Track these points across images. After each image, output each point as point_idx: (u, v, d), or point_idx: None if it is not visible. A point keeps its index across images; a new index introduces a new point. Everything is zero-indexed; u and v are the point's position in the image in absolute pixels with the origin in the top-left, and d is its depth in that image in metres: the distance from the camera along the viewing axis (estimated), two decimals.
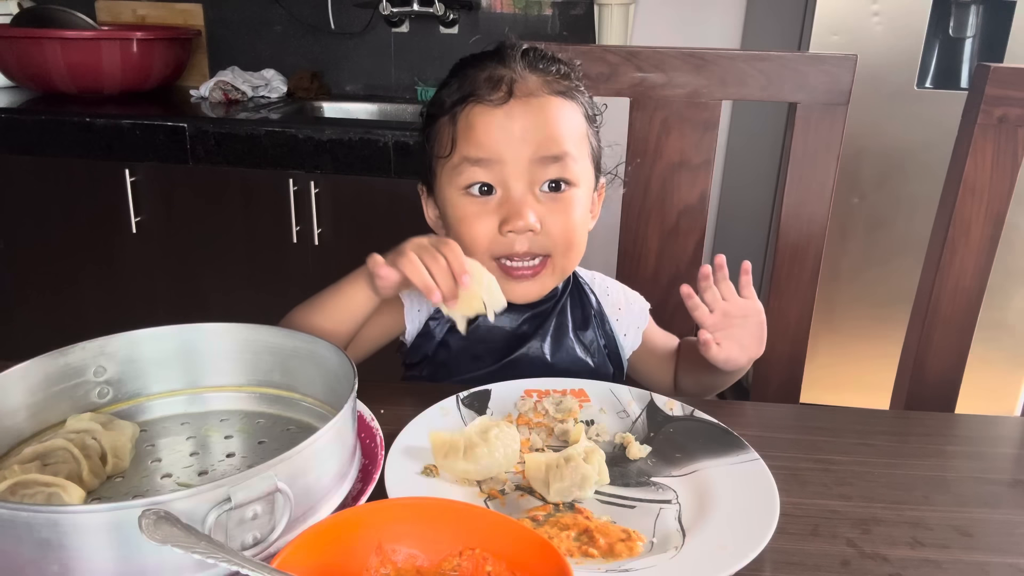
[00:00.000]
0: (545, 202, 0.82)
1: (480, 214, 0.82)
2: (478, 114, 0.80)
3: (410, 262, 0.72)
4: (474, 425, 0.67)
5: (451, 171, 0.83)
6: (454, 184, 0.83)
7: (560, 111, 0.82)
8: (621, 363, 0.96)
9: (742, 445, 0.70)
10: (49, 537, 0.45)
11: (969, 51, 1.92)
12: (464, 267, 0.72)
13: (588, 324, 0.93)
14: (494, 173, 0.81)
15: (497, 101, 0.80)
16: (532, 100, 0.80)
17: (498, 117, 0.80)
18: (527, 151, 0.80)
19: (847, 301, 2.05)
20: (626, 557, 0.56)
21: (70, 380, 0.66)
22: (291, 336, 0.70)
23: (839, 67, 1.05)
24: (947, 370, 1.09)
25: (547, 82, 0.82)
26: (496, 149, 0.80)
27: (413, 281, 0.72)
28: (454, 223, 0.84)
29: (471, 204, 0.82)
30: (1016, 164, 1.03)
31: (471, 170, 0.81)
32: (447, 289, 0.72)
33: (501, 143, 0.80)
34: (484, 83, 0.81)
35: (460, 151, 0.81)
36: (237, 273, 1.86)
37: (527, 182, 0.81)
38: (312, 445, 0.52)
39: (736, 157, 2.42)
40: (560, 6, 2.19)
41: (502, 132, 0.79)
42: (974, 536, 0.63)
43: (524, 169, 0.80)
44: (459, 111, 0.81)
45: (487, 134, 0.80)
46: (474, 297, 0.73)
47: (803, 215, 1.09)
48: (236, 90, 2.06)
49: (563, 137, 0.81)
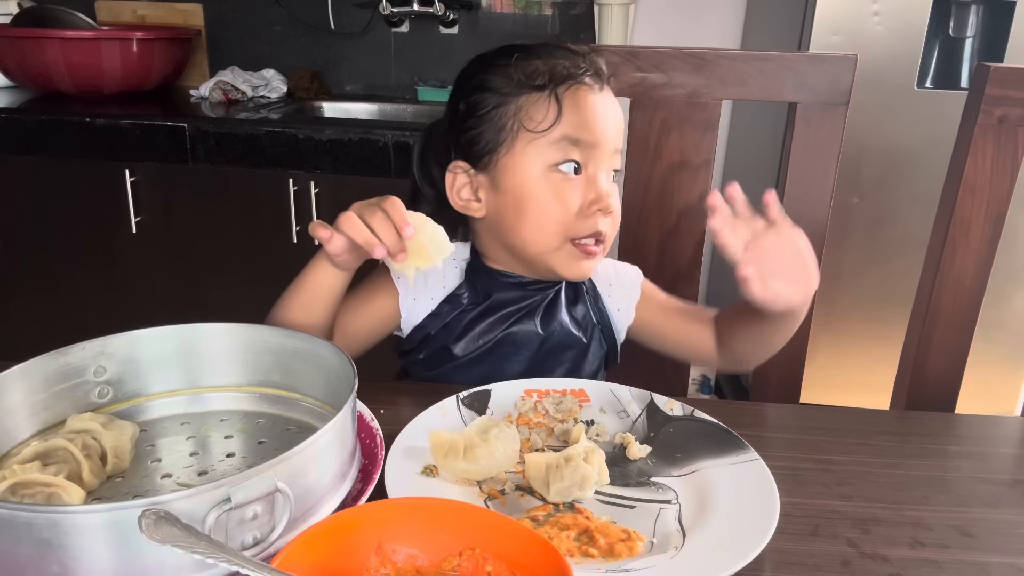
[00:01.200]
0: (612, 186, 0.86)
1: (567, 192, 0.83)
2: (585, 95, 0.83)
3: (348, 220, 0.73)
4: (474, 425, 0.67)
5: (544, 146, 0.83)
6: (544, 159, 0.83)
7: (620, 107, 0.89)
8: (615, 342, 0.96)
9: (742, 445, 0.70)
10: (49, 537, 0.45)
11: (969, 51, 1.92)
12: (406, 219, 0.72)
13: (579, 299, 0.93)
14: (586, 154, 0.83)
15: (597, 87, 0.85)
16: (609, 92, 0.87)
17: (599, 102, 0.84)
18: (613, 138, 0.84)
19: (847, 301, 2.05)
20: (626, 557, 0.56)
21: (70, 380, 0.66)
22: (291, 336, 0.70)
23: (839, 67, 1.05)
24: (947, 370, 1.09)
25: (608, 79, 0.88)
26: (597, 132, 0.83)
27: (354, 238, 0.72)
28: (531, 199, 0.83)
29: (561, 181, 0.83)
30: (1016, 164, 1.03)
31: (569, 148, 0.83)
32: (391, 243, 0.72)
33: (600, 127, 0.83)
34: (584, 69, 0.84)
35: (562, 128, 0.82)
36: (237, 273, 1.86)
37: (607, 167, 0.85)
38: (312, 445, 0.52)
39: (736, 157, 2.42)
40: (560, 6, 2.19)
41: (602, 117, 0.84)
42: (974, 536, 0.63)
43: (608, 155, 0.84)
44: (563, 89, 0.83)
45: (592, 115, 0.83)
46: (421, 247, 0.73)
47: (803, 215, 1.09)
48: (236, 90, 2.06)
49: (623, 132, 0.88)
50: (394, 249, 0.72)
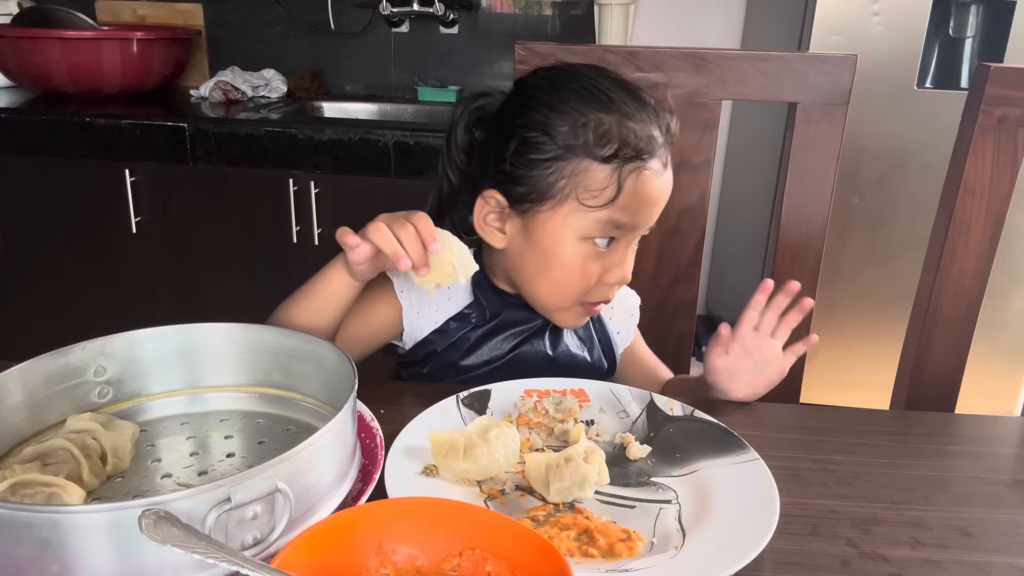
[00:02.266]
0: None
1: (591, 262, 0.81)
2: (648, 181, 0.78)
3: (378, 229, 0.72)
4: (474, 425, 0.67)
5: (589, 219, 0.79)
6: (583, 229, 0.79)
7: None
8: (615, 358, 0.98)
9: (742, 445, 0.70)
10: (49, 537, 0.45)
11: (969, 51, 1.92)
12: (433, 235, 0.72)
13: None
14: (625, 232, 0.81)
15: (660, 171, 0.80)
16: (669, 172, 0.82)
17: (653, 186, 0.79)
18: (655, 218, 0.82)
19: (847, 301, 2.05)
20: (626, 557, 0.56)
21: (70, 380, 0.66)
22: (291, 336, 0.70)
23: (839, 67, 1.05)
24: (947, 370, 1.09)
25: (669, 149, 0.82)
26: (639, 216, 0.79)
27: (382, 247, 0.72)
28: (558, 262, 0.82)
29: (592, 251, 0.81)
30: (1016, 164, 1.03)
31: (612, 228, 0.79)
32: (416, 256, 0.72)
33: (644, 212, 0.80)
34: (648, 145, 0.78)
35: (614, 210, 0.78)
36: (237, 273, 1.86)
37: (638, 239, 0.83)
38: (312, 445, 0.52)
39: (736, 157, 2.43)
40: (560, 6, 2.19)
41: (650, 201, 0.79)
42: (974, 536, 0.63)
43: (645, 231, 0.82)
44: (628, 170, 0.77)
45: (648, 204, 0.79)
46: (445, 263, 0.73)
47: (803, 215, 1.09)
48: (236, 90, 2.06)
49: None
50: (419, 263, 0.72)
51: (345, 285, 0.80)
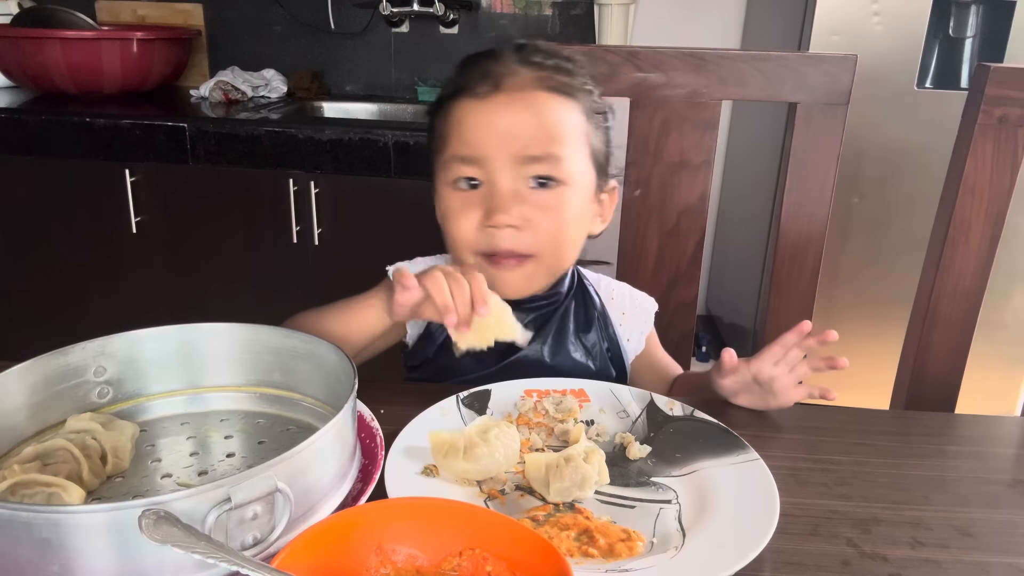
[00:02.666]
0: (532, 199, 0.80)
1: (465, 207, 0.82)
2: (464, 108, 0.81)
3: (435, 280, 0.72)
4: (474, 425, 0.67)
5: (442, 166, 0.84)
6: (444, 178, 0.84)
7: (550, 108, 0.80)
8: (624, 367, 0.95)
9: (742, 445, 0.70)
10: (49, 537, 0.45)
11: (969, 51, 1.92)
12: (485, 298, 0.72)
13: (591, 326, 0.92)
14: (480, 168, 0.80)
15: (483, 94, 0.79)
16: (519, 95, 0.79)
17: (482, 111, 0.80)
18: (512, 147, 0.79)
19: (847, 301, 2.05)
20: (626, 557, 0.56)
21: (70, 380, 0.66)
22: (291, 336, 0.70)
23: (839, 67, 1.05)
24: (947, 370, 1.09)
25: (540, 78, 0.81)
26: (480, 145, 0.79)
27: (434, 297, 0.72)
28: (443, 218, 0.85)
29: (457, 198, 0.82)
30: (1016, 164, 1.03)
31: (457, 166, 0.81)
32: (464, 314, 0.72)
33: (484, 139, 0.79)
34: (474, 77, 0.81)
35: (449, 147, 0.82)
36: (237, 273, 1.86)
37: (513, 177, 0.80)
38: (312, 445, 0.52)
39: (736, 157, 2.43)
40: (560, 6, 2.19)
41: (486, 127, 0.79)
42: (974, 536, 0.63)
43: (508, 165, 0.79)
44: (450, 106, 0.82)
45: (471, 129, 0.80)
46: (486, 328, 0.73)
47: (803, 215, 1.09)
48: (236, 90, 2.06)
49: (551, 136, 0.79)
50: (464, 321, 0.72)
51: (379, 320, 0.80)
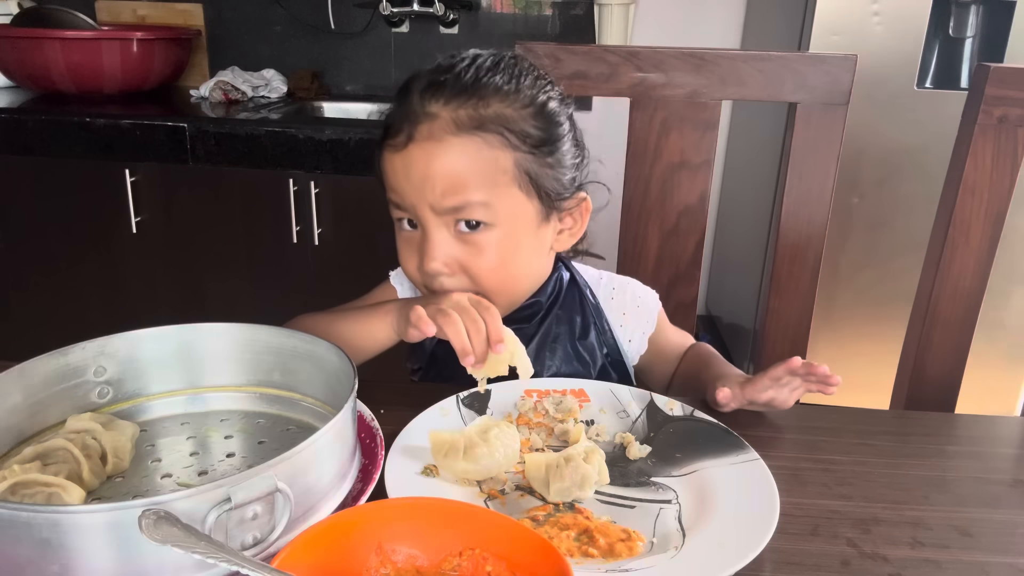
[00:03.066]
0: (465, 242, 0.78)
1: (407, 247, 0.82)
2: (386, 160, 0.79)
3: (453, 323, 0.71)
4: (474, 425, 0.67)
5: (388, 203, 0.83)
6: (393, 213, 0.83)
7: (462, 155, 0.75)
8: (626, 371, 0.93)
9: (742, 445, 0.70)
10: (49, 537, 0.45)
11: (969, 51, 1.92)
12: (501, 335, 0.72)
13: (588, 332, 0.90)
14: (411, 214, 0.79)
15: (399, 145, 0.77)
16: (429, 145, 0.75)
17: (399, 163, 0.77)
18: (428, 198, 0.76)
19: (847, 301, 2.05)
20: (626, 557, 0.56)
21: (70, 380, 0.66)
22: (291, 336, 0.70)
23: (839, 67, 1.05)
24: (947, 370, 1.09)
25: (453, 119, 0.75)
26: (403, 195, 0.78)
27: (452, 342, 0.71)
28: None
29: (402, 237, 0.82)
30: (1016, 164, 1.03)
31: (395, 210, 0.81)
32: (481, 353, 0.72)
33: (405, 189, 0.77)
34: (394, 120, 0.79)
35: (386, 190, 0.81)
36: (237, 273, 1.86)
37: (440, 223, 0.77)
38: (312, 445, 0.52)
39: (736, 157, 2.43)
40: (560, 6, 2.19)
41: (404, 179, 0.77)
42: (974, 536, 0.63)
43: (431, 213, 0.77)
44: (379, 152, 0.81)
45: (393, 179, 0.78)
46: (500, 362, 0.73)
47: (803, 215, 1.09)
48: (236, 90, 2.06)
49: (464, 184, 0.75)
50: (480, 360, 0.72)
51: (388, 337, 0.81)
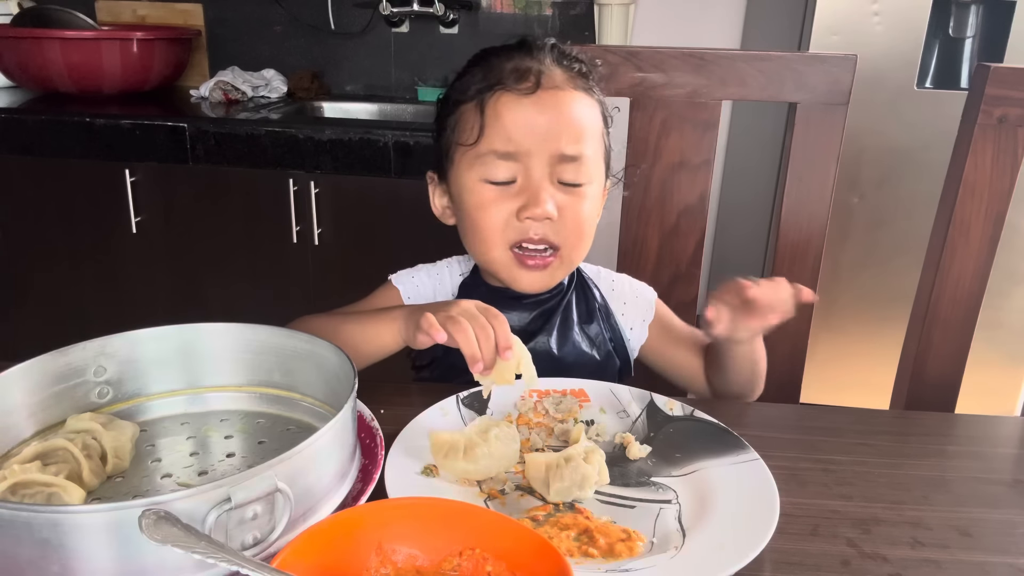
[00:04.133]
0: (562, 192, 0.83)
1: (498, 200, 0.83)
2: (506, 103, 0.81)
3: (463, 331, 0.71)
4: (474, 425, 0.67)
5: (474, 159, 0.83)
6: (475, 172, 0.83)
7: (583, 107, 0.83)
8: (627, 357, 0.96)
9: (742, 445, 0.70)
10: (49, 537, 0.45)
11: (969, 51, 1.92)
12: (510, 342, 0.72)
13: (593, 318, 0.93)
14: (518, 163, 0.82)
15: (525, 90, 0.80)
16: (559, 93, 0.81)
17: (526, 107, 0.80)
18: (552, 145, 0.81)
19: (847, 301, 2.04)
20: (626, 557, 0.56)
21: (70, 380, 0.66)
22: (291, 336, 0.70)
23: (839, 67, 1.05)
24: (947, 370, 1.09)
25: (571, 77, 0.83)
26: (523, 141, 0.80)
27: (462, 349, 0.71)
28: (471, 208, 0.85)
29: (491, 191, 0.83)
30: (1016, 164, 1.03)
31: (496, 162, 0.82)
32: (489, 360, 0.72)
33: (528, 135, 0.80)
34: (512, 72, 0.81)
35: (487, 141, 0.81)
36: (237, 273, 1.86)
37: (547, 172, 0.82)
38: (312, 445, 0.52)
39: (736, 157, 2.42)
40: (560, 6, 2.19)
41: (529, 124, 0.80)
42: (974, 536, 0.63)
43: (546, 161, 0.81)
44: (487, 98, 0.81)
45: (515, 125, 0.80)
46: (508, 370, 0.73)
47: (803, 215, 1.09)
48: (236, 90, 2.06)
49: (584, 134, 0.82)
50: (489, 366, 0.72)
51: (394, 342, 0.81)
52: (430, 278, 0.95)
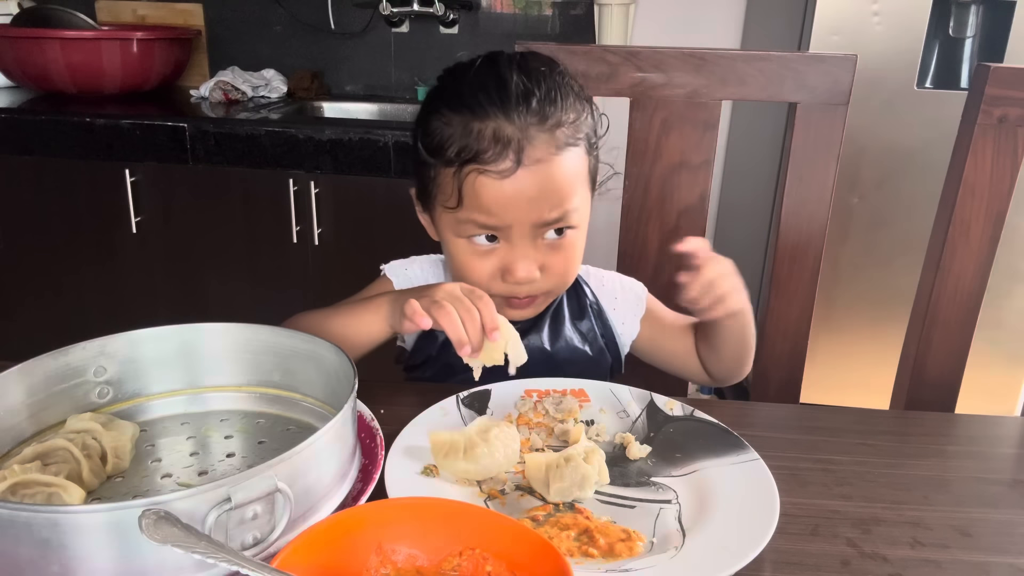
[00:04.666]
0: (547, 249, 0.82)
1: (483, 258, 0.82)
2: (483, 185, 0.77)
3: (448, 315, 0.71)
4: (474, 425, 0.67)
5: (455, 222, 0.81)
6: (455, 230, 0.82)
7: (566, 168, 0.78)
8: (619, 353, 0.96)
9: (742, 445, 0.70)
10: (49, 537, 0.45)
11: (969, 51, 1.92)
12: (496, 323, 0.72)
13: (585, 314, 0.94)
14: (498, 231, 0.80)
15: (505, 172, 0.76)
16: (540, 167, 0.77)
17: (505, 189, 0.76)
18: (534, 215, 0.78)
19: (847, 301, 2.05)
20: (626, 557, 0.56)
21: (70, 380, 0.66)
22: (291, 336, 0.70)
23: (839, 67, 1.05)
24: (947, 370, 1.09)
25: (554, 138, 0.77)
26: (504, 216, 0.78)
27: (448, 333, 0.71)
28: (454, 260, 0.84)
29: (472, 251, 0.82)
30: (1016, 164, 1.03)
31: (477, 230, 0.80)
32: (477, 343, 0.72)
33: (509, 212, 0.78)
34: (489, 147, 0.76)
35: (466, 211, 0.79)
36: (237, 273, 1.86)
37: (531, 237, 0.80)
38: (312, 445, 0.52)
39: (736, 157, 2.42)
40: (560, 6, 2.19)
41: (509, 203, 0.77)
42: (974, 536, 0.63)
43: (528, 229, 0.79)
44: (464, 173, 0.77)
45: (495, 204, 0.77)
46: (496, 348, 0.73)
47: (803, 215, 1.09)
48: (236, 90, 2.06)
49: (568, 194, 0.79)
50: (476, 349, 0.72)
51: (381, 331, 0.81)
52: (423, 270, 0.95)
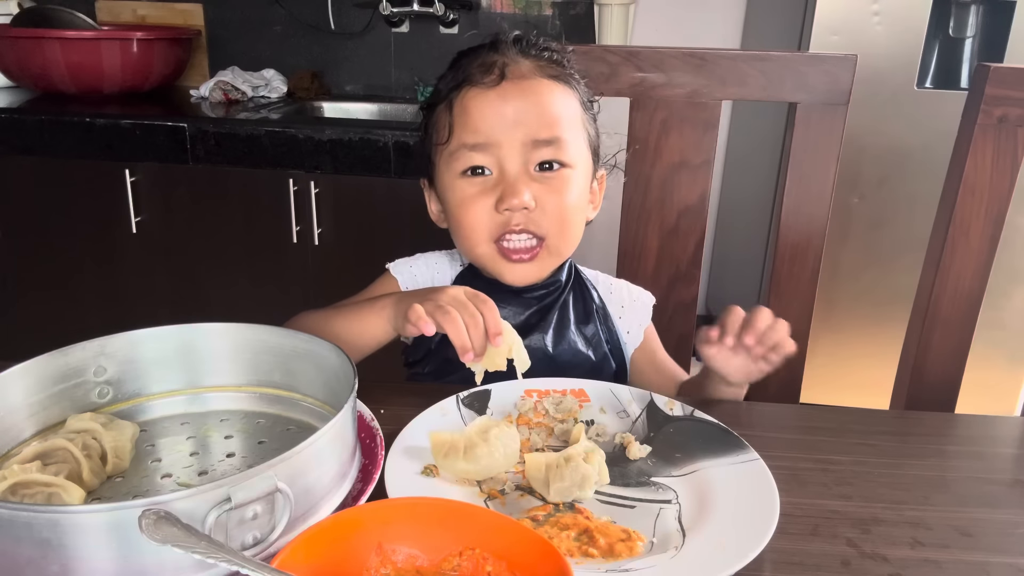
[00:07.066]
0: (540, 181, 0.84)
1: (477, 195, 0.84)
2: (472, 98, 0.83)
3: (452, 321, 0.72)
4: (474, 425, 0.67)
5: (449, 157, 0.85)
6: (452, 169, 0.85)
7: (552, 94, 0.84)
8: (623, 359, 0.96)
9: (742, 445, 0.70)
10: (49, 537, 0.45)
11: (969, 51, 1.92)
12: (499, 328, 0.73)
13: (590, 319, 0.93)
14: (490, 155, 0.83)
15: (490, 83, 0.82)
16: (524, 82, 0.83)
17: (491, 99, 0.82)
18: (521, 132, 0.82)
19: (847, 301, 2.05)
20: (626, 557, 0.56)
21: (70, 380, 0.66)
22: (291, 336, 0.70)
23: (839, 67, 1.05)
24: (947, 370, 1.09)
25: (539, 66, 0.85)
26: (491, 132, 0.82)
27: (452, 339, 0.72)
28: (454, 207, 0.86)
29: (469, 186, 0.84)
30: (1016, 164, 1.03)
31: (468, 155, 0.83)
32: (480, 347, 0.72)
33: (495, 126, 0.82)
34: (477, 68, 0.83)
35: (457, 137, 0.84)
36: (237, 273, 1.86)
37: (522, 162, 0.83)
38: (312, 445, 0.52)
39: (736, 157, 2.43)
40: (560, 6, 2.19)
41: (496, 114, 0.82)
42: (974, 536, 0.63)
43: (518, 150, 0.82)
44: (455, 97, 0.84)
45: (482, 117, 0.82)
46: (499, 355, 0.74)
47: (803, 215, 1.09)
48: (236, 90, 2.06)
49: (556, 120, 0.83)
50: (479, 353, 0.73)
51: (384, 332, 0.82)
52: (428, 268, 0.95)
